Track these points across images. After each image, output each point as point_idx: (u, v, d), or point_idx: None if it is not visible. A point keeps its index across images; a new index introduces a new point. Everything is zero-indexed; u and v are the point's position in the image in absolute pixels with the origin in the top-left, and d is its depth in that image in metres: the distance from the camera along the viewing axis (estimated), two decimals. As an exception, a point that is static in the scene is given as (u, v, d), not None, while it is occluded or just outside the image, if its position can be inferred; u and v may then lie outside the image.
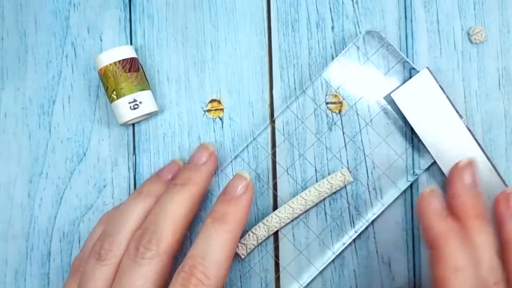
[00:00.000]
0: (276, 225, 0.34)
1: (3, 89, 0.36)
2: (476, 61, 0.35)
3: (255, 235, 0.34)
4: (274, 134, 0.36)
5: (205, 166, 0.33)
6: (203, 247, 0.28)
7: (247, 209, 0.30)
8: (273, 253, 0.35)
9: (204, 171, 0.32)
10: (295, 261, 0.35)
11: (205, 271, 0.28)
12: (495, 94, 0.35)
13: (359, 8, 0.36)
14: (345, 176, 0.34)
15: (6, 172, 0.36)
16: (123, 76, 0.33)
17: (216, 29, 0.36)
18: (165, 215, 0.30)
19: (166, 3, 0.36)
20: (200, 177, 0.32)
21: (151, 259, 0.28)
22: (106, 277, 0.29)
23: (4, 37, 0.37)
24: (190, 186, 0.31)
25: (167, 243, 0.29)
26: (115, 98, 0.33)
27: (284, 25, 0.36)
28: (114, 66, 0.33)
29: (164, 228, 0.29)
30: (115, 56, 0.33)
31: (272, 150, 0.35)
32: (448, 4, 0.36)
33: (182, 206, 0.30)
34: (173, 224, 0.29)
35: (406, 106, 0.34)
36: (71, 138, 0.36)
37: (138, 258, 0.28)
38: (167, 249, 0.29)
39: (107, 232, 0.31)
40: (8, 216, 0.36)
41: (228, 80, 0.36)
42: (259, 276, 0.35)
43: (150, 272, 0.28)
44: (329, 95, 0.36)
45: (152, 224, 0.29)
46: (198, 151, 0.34)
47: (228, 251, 0.29)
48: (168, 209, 0.30)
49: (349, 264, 0.35)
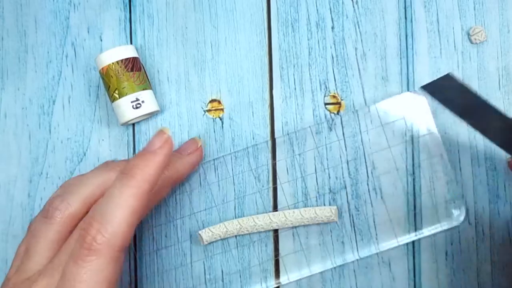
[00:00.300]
0: (249, 228, 0.34)
1: (3, 89, 0.36)
2: (476, 61, 0.35)
3: (226, 229, 0.34)
4: (274, 135, 0.36)
5: (189, 157, 0.33)
6: (105, 203, 0.27)
7: (160, 165, 0.28)
8: (273, 253, 0.35)
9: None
10: (295, 261, 0.35)
11: (100, 228, 0.26)
12: (495, 94, 0.35)
13: (359, 8, 0.36)
14: (332, 213, 0.34)
15: (6, 172, 0.36)
16: (126, 75, 0.33)
17: (216, 29, 0.36)
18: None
19: (166, 3, 0.36)
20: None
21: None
22: (50, 236, 0.29)
23: (4, 37, 0.37)
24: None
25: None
26: (117, 97, 0.33)
27: (284, 25, 0.36)
28: (117, 65, 0.33)
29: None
30: (117, 55, 0.33)
31: (272, 151, 0.35)
32: (448, 4, 0.36)
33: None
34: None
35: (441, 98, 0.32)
36: (71, 138, 0.36)
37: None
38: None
39: (59, 193, 0.30)
40: (8, 216, 0.36)
41: (228, 80, 0.36)
42: (259, 276, 0.35)
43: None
44: (328, 95, 0.36)
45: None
46: (186, 143, 0.35)
47: (130, 208, 0.26)
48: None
49: (349, 264, 0.35)
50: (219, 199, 0.35)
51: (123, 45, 0.34)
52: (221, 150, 0.36)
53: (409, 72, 0.36)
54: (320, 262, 0.35)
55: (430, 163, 0.34)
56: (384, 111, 0.35)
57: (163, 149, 0.28)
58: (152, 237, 0.35)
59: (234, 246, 0.35)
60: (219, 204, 0.35)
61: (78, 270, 0.25)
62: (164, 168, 0.28)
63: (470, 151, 0.35)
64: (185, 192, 0.35)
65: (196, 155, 0.34)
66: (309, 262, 0.35)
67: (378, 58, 0.36)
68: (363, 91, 0.36)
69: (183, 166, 0.33)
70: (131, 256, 0.35)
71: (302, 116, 0.36)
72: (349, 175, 0.35)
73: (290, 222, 0.34)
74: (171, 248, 0.35)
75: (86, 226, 0.26)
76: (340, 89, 0.36)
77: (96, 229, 0.26)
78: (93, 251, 0.25)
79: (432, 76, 0.35)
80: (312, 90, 0.36)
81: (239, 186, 0.35)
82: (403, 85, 0.36)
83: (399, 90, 0.36)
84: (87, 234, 0.26)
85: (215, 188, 0.35)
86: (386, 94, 0.36)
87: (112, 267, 0.26)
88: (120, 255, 0.26)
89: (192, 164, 0.34)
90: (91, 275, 0.25)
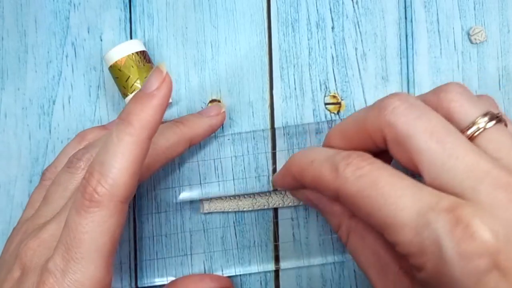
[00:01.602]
0: (249, 205, 0.34)
1: (3, 89, 0.36)
2: (476, 61, 0.35)
3: (227, 203, 0.34)
4: (274, 135, 0.36)
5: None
6: (104, 152, 0.25)
7: (158, 109, 0.25)
8: (273, 253, 0.35)
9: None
10: (295, 260, 0.35)
11: (100, 179, 0.25)
12: (495, 94, 0.35)
13: (359, 8, 0.36)
14: None
15: (6, 172, 0.36)
16: (146, 66, 0.33)
17: (216, 29, 0.36)
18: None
19: (166, 3, 0.36)
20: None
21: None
22: (69, 185, 0.29)
23: (4, 37, 0.37)
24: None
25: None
26: (138, 87, 0.33)
27: (284, 25, 0.36)
28: (137, 56, 0.33)
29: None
30: (134, 47, 0.33)
31: (272, 151, 0.35)
32: (448, 4, 0.36)
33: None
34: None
35: None
36: (71, 138, 0.36)
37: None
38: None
39: (87, 146, 0.30)
40: (8, 216, 0.36)
41: (228, 80, 0.36)
42: (259, 276, 0.35)
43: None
44: (328, 95, 0.36)
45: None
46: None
47: (130, 156, 0.25)
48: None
49: (349, 263, 0.35)
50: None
51: (133, 39, 0.34)
52: (221, 150, 0.36)
53: (409, 72, 0.36)
54: (320, 261, 0.35)
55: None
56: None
57: (161, 90, 0.25)
58: (153, 200, 0.35)
59: (232, 223, 0.35)
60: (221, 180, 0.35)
61: (80, 220, 0.25)
62: (163, 110, 0.26)
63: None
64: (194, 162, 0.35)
65: (217, 118, 0.33)
66: (309, 260, 0.35)
67: (378, 58, 0.36)
68: (363, 91, 0.36)
69: (200, 126, 0.32)
70: (131, 215, 0.35)
71: (302, 116, 0.36)
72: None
73: (289, 203, 0.34)
74: (170, 213, 0.35)
75: (87, 176, 0.25)
76: (340, 89, 0.36)
77: (97, 180, 0.25)
78: (95, 202, 0.25)
79: (432, 76, 0.36)
80: (312, 90, 0.36)
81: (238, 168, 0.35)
82: (403, 85, 0.36)
83: (399, 90, 0.36)
84: (88, 185, 0.25)
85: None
86: (386, 94, 0.35)
87: (115, 219, 0.25)
88: (123, 206, 0.25)
89: (211, 126, 0.33)
90: (93, 226, 0.25)
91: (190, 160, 0.35)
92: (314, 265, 0.35)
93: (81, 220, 0.25)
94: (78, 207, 0.25)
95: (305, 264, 0.34)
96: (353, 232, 0.28)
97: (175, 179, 0.35)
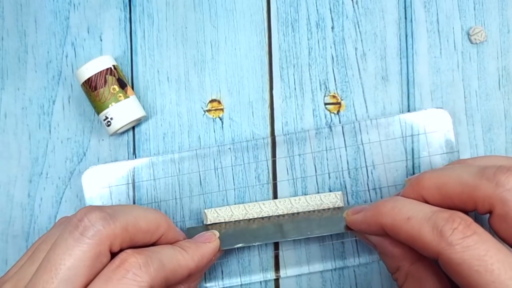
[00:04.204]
0: (254, 214, 0.34)
1: (3, 89, 0.36)
2: (476, 61, 0.35)
3: (231, 213, 0.34)
4: (274, 135, 0.36)
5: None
6: (170, 256, 0.28)
7: (210, 253, 0.30)
8: (273, 253, 0.35)
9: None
10: (295, 260, 0.35)
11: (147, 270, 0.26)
12: (495, 94, 0.35)
13: (359, 8, 0.36)
14: (337, 199, 0.34)
15: (6, 172, 0.36)
16: (92, 95, 0.33)
17: (216, 29, 0.36)
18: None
19: (166, 3, 0.36)
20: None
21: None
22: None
23: (4, 37, 0.37)
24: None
25: None
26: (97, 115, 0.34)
27: (284, 25, 0.36)
28: (84, 87, 0.34)
29: None
30: (82, 76, 0.33)
31: (272, 151, 0.35)
32: (448, 4, 0.36)
33: None
34: None
35: None
36: (71, 138, 0.36)
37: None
38: None
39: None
40: (8, 216, 0.36)
41: (228, 80, 0.36)
42: (259, 275, 0.35)
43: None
44: (328, 95, 0.36)
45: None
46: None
47: (186, 269, 0.28)
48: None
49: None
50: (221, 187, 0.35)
51: (87, 62, 0.34)
52: (221, 150, 0.36)
53: (409, 72, 0.36)
54: (320, 261, 0.35)
55: (430, 161, 0.34)
56: (383, 111, 0.35)
57: (214, 243, 0.31)
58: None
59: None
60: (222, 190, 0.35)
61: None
62: (212, 259, 0.31)
63: (470, 150, 0.35)
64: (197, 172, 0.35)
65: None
66: (309, 261, 0.35)
67: (378, 58, 0.36)
68: (363, 91, 0.36)
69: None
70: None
71: (302, 116, 0.36)
72: (349, 175, 0.35)
73: (296, 208, 0.34)
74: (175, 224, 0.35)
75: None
76: (340, 89, 0.36)
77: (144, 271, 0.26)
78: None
79: (432, 76, 0.35)
80: (312, 90, 0.36)
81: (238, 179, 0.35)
82: (403, 85, 0.36)
83: (399, 90, 0.36)
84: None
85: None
86: (386, 94, 0.36)
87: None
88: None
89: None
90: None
91: (190, 171, 0.35)
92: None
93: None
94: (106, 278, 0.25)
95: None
96: (410, 277, 0.28)
97: (176, 190, 0.35)
